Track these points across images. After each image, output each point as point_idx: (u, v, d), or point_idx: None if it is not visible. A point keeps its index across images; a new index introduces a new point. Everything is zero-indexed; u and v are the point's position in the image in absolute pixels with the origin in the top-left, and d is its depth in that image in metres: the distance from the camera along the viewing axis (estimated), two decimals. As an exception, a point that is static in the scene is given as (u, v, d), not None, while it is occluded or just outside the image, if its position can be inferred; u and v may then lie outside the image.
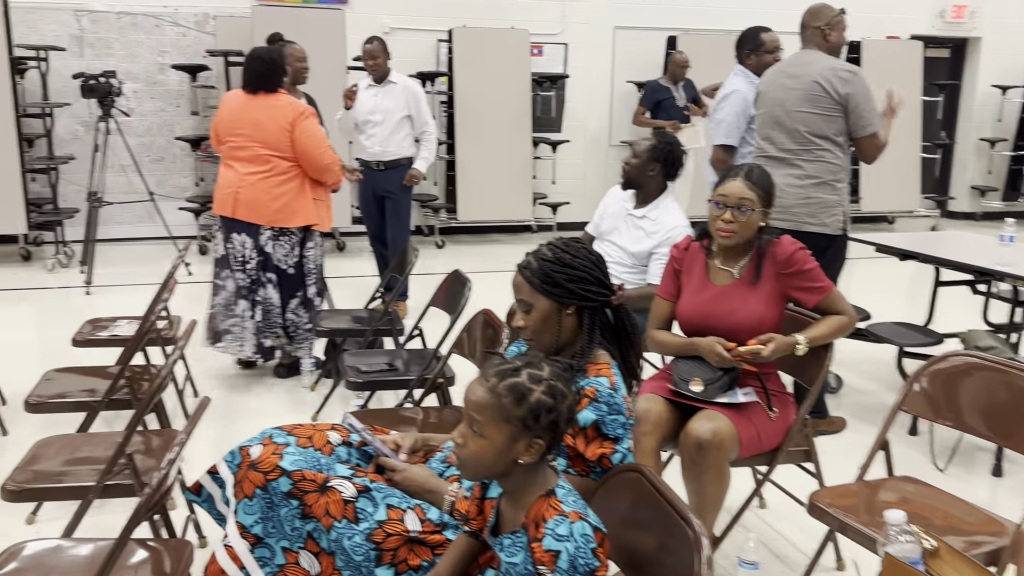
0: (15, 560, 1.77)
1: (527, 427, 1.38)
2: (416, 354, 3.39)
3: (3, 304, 5.36)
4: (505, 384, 1.39)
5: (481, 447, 1.40)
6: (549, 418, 1.38)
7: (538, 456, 1.39)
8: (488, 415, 1.39)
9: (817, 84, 3.23)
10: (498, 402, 1.38)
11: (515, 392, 1.38)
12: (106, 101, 5.87)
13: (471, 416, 1.41)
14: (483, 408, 1.39)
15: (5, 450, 3.27)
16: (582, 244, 1.82)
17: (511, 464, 1.40)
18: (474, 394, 1.41)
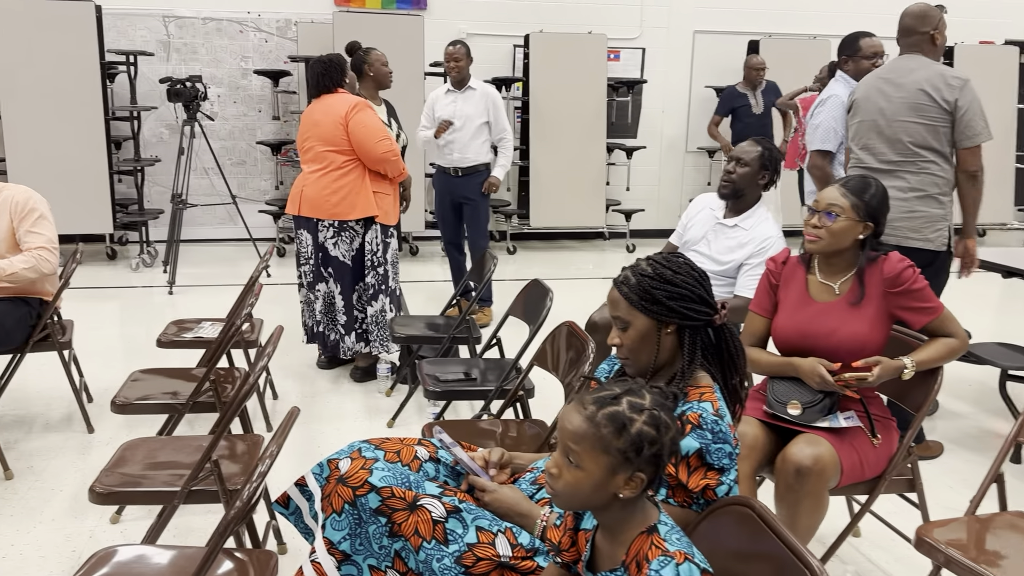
0: (104, 566, 1.78)
1: (627, 459, 1.30)
2: (494, 364, 3.34)
3: (90, 301, 5.52)
4: (605, 413, 1.31)
5: (577, 479, 1.33)
6: (651, 450, 1.30)
7: (639, 491, 1.31)
8: (586, 445, 1.31)
9: (923, 92, 3.07)
10: (597, 432, 1.31)
11: (615, 422, 1.30)
12: (191, 105, 6.00)
13: (567, 446, 1.33)
14: (580, 438, 1.32)
15: (91, 448, 3.33)
16: (685, 260, 1.73)
17: (610, 498, 1.32)
18: (571, 422, 1.34)
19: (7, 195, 3.25)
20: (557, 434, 1.37)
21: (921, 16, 3.20)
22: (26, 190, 3.28)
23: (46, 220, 3.27)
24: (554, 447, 2.27)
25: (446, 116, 5.01)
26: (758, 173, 3.18)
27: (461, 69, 4.97)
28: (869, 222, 2.31)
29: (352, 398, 3.96)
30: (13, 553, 2.58)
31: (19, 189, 3.27)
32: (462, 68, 4.97)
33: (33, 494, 2.94)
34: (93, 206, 6.35)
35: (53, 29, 6.09)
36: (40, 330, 3.36)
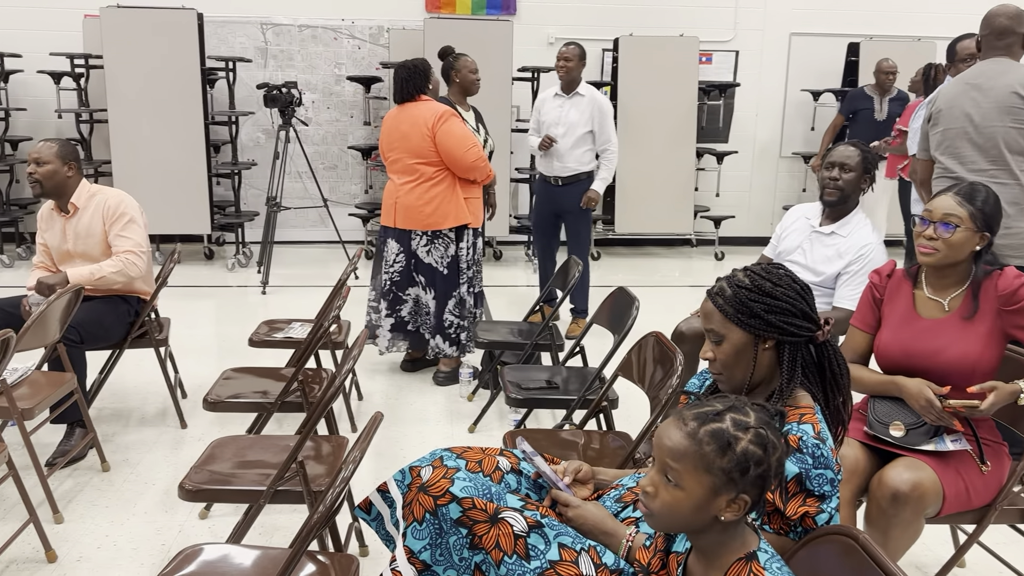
0: (191, 564, 1.81)
1: (731, 480, 1.23)
2: (577, 373, 3.28)
3: (187, 300, 5.72)
4: (707, 430, 1.25)
5: (676, 499, 1.26)
6: (757, 471, 1.23)
7: (741, 514, 1.24)
8: (687, 464, 1.25)
9: (1016, 95, 2.89)
10: (699, 450, 1.24)
11: (719, 439, 1.24)
12: (286, 111, 6.15)
13: (666, 463, 1.27)
14: (681, 456, 1.26)
15: (184, 443, 3.43)
16: (786, 271, 1.64)
17: (709, 520, 1.26)
18: (670, 439, 1.27)
19: (100, 199, 3.38)
20: (654, 451, 1.31)
21: (1018, 17, 3.01)
22: (119, 194, 3.42)
23: (135, 224, 3.40)
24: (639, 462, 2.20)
25: (551, 121, 4.87)
26: (862, 177, 3.06)
27: (570, 71, 4.75)
28: (986, 232, 2.16)
29: (434, 401, 3.97)
30: (107, 544, 2.67)
31: (112, 193, 3.41)
32: (571, 70, 4.75)
33: (128, 486, 3.05)
34: (192, 208, 6.59)
35: (157, 36, 6.35)
36: (138, 327, 3.48)
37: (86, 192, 3.39)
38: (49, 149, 3.30)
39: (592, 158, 4.90)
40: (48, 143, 3.32)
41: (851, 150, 3.06)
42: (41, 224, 3.47)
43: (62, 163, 3.31)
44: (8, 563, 2.53)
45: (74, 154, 3.36)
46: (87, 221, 3.37)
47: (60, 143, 3.34)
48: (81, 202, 3.38)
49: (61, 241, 3.41)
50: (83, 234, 3.37)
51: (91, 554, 2.60)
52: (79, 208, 3.37)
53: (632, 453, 2.29)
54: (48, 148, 3.30)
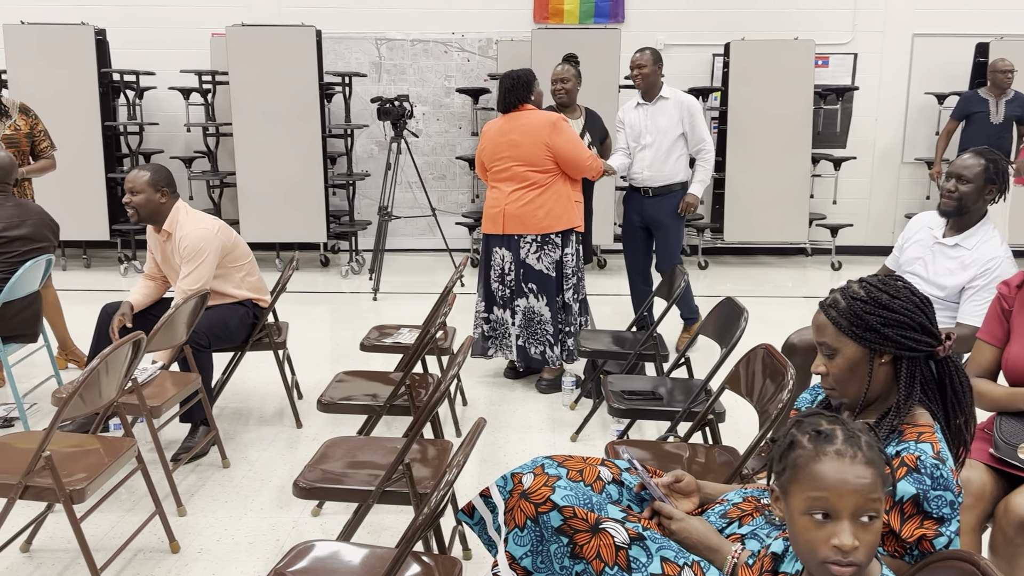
0: (303, 559, 1.88)
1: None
2: (682, 384, 3.23)
3: (304, 305, 5.96)
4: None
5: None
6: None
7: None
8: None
9: None
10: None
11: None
12: (398, 123, 6.33)
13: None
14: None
15: (299, 442, 3.57)
16: (904, 283, 1.57)
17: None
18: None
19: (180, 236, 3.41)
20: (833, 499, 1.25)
21: None
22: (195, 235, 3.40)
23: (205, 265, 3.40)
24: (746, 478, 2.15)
25: (638, 132, 4.71)
26: (983, 189, 2.88)
27: (646, 77, 4.57)
28: None
29: (537, 408, 3.99)
30: (226, 537, 2.81)
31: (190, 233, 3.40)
32: (647, 76, 4.57)
33: (246, 483, 3.20)
34: (310, 217, 6.87)
35: (278, 53, 6.67)
36: (259, 330, 3.66)
37: (175, 221, 3.46)
38: (141, 179, 3.38)
39: (686, 166, 4.69)
40: (141, 172, 3.40)
41: (971, 160, 2.90)
42: (149, 237, 3.65)
43: (154, 191, 3.39)
44: (136, 552, 2.70)
45: (166, 180, 3.42)
46: (172, 249, 3.48)
47: (152, 171, 3.41)
48: (172, 229, 3.46)
49: (163, 258, 3.57)
50: (170, 258, 3.52)
51: (211, 547, 2.74)
52: (171, 234, 3.47)
53: (739, 468, 2.24)
54: (140, 178, 3.38)
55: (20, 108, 4.18)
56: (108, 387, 2.51)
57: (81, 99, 6.79)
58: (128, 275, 6.83)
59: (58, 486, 2.24)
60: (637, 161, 4.72)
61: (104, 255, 7.52)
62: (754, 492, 1.73)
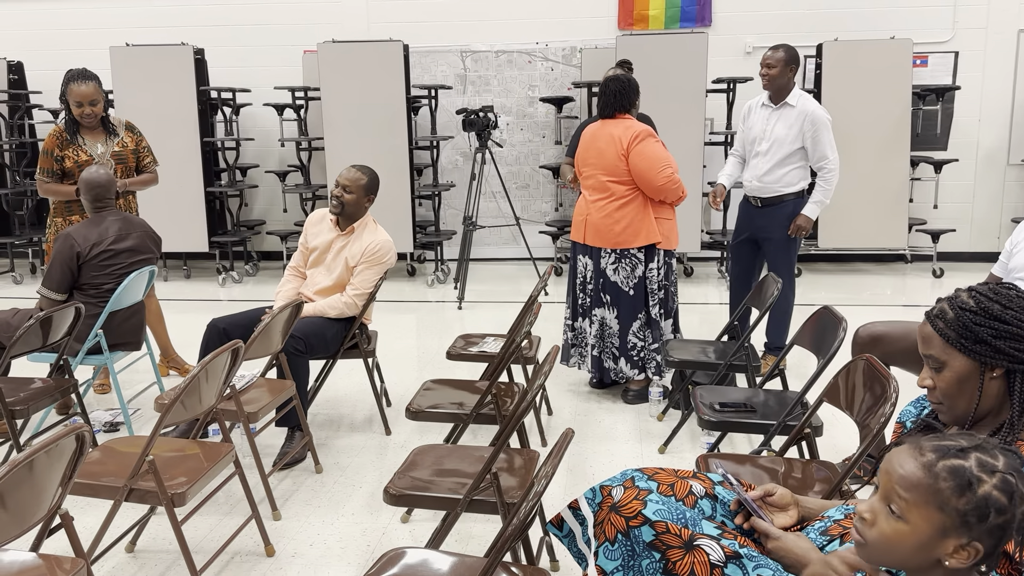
0: (394, 566, 1.90)
1: (966, 524, 1.13)
2: (776, 396, 3.13)
3: (392, 313, 6.06)
4: (947, 465, 1.15)
5: (897, 532, 1.18)
6: (997, 521, 1.11)
7: (969, 563, 1.13)
8: (917, 496, 1.16)
9: None
10: (935, 484, 1.15)
11: (960, 477, 1.14)
12: (483, 134, 6.39)
13: (894, 491, 1.19)
14: (913, 487, 1.17)
15: (388, 449, 3.62)
16: (1017, 292, 1.48)
17: (930, 563, 1.16)
18: (903, 467, 1.19)
19: (372, 238, 3.70)
20: (880, 477, 1.23)
21: None
22: (387, 241, 3.74)
23: (378, 270, 3.71)
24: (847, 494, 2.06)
25: (756, 135, 4.35)
26: None
27: (773, 79, 4.23)
28: None
29: (624, 419, 3.94)
30: (319, 542, 2.87)
31: (383, 236, 3.74)
32: (774, 77, 4.22)
33: (338, 488, 3.26)
34: (397, 227, 6.99)
35: (367, 68, 6.82)
36: (350, 339, 3.73)
37: (366, 223, 3.77)
38: (359, 181, 3.69)
39: (802, 178, 4.33)
40: (359, 174, 3.71)
41: None
42: (311, 228, 3.86)
43: (364, 194, 3.72)
44: (233, 554, 2.78)
45: (375, 188, 3.76)
46: (353, 248, 3.71)
47: (369, 177, 3.73)
48: (359, 229, 3.75)
49: (325, 249, 3.77)
50: (344, 254, 3.72)
51: (304, 551, 2.80)
52: (355, 232, 3.73)
53: (839, 485, 2.15)
54: (358, 181, 3.69)
55: (126, 126, 4.40)
56: (208, 394, 2.60)
57: (181, 116, 7.10)
58: (226, 285, 7.09)
59: (160, 489, 2.33)
60: (750, 168, 4.42)
61: (203, 266, 7.83)
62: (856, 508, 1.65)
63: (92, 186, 3.72)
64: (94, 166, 3.78)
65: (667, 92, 6.64)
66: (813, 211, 4.30)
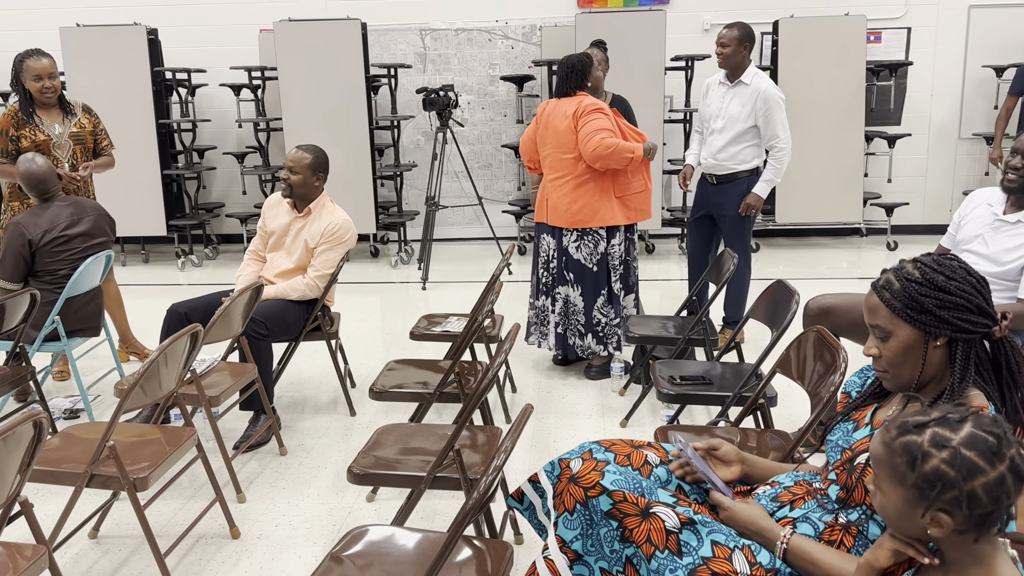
0: (358, 544, 1.93)
1: (923, 496, 1.19)
2: (732, 368, 3.20)
3: (355, 295, 6.05)
4: (902, 441, 1.21)
5: (881, 503, 1.26)
6: (947, 494, 1.16)
7: (947, 532, 1.18)
8: (883, 471, 1.24)
9: None
10: (892, 460, 1.22)
11: (910, 453, 1.20)
12: (444, 113, 6.36)
13: (873, 468, 1.28)
14: (878, 463, 1.25)
15: (353, 430, 3.64)
16: (960, 263, 1.53)
17: (921, 531, 1.22)
18: (873, 444, 1.27)
19: (330, 218, 3.68)
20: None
21: None
22: (346, 221, 3.71)
23: (339, 250, 3.69)
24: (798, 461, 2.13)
25: (712, 113, 4.41)
26: None
27: (727, 57, 4.25)
28: None
29: (586, 395, 3.99)
30: (284, 523, 2.88)
31: (341, 216, 3.71)
32: (728, 56, 4.25)
33: (303, 470, 3.27)
34: (359, 208, 6.95)
35: (325, 47, 6.74)
36: (312, 321, 3.73)
37: (323, 203, 3.74)
38: (303, 161, 3.64)
39: (756, 156, 4.37)
40: (303, 154, 3.66)
41: None
42: (268, 211, 3.84)
43: (312, 174, 3.67)
44: (198, 538, 2.78)
45: (323, 166, 3.70)
46: (311, 229, 3.69)
47: (314, 155, 3.67)
48: (316, 210, 3.72)
49: (284, 232, 3.75)
50: (303, 236, 3.70)
51: (270, 532, 2.82)
52: (311, 213, 3.71)
53: (792, 452, 2.22)
54: (302, 160, 3.64)
55: (83, 108, 4.33)
56: (168, 378, 2.59)
57: (135, 98, 6.96)
58: (186, 269, 7.01)
59: (122, 474, 2.33)
60: (707, 145, 4.47)
61: (162, 250, 7.73)
62: (806, 476, 1.71)
63: (34, 181, 3.65)
64: (29, 154, 3.70)
65: (626, 70, 6.67)
66: (763, 189, 4.35)
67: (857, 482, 1.53)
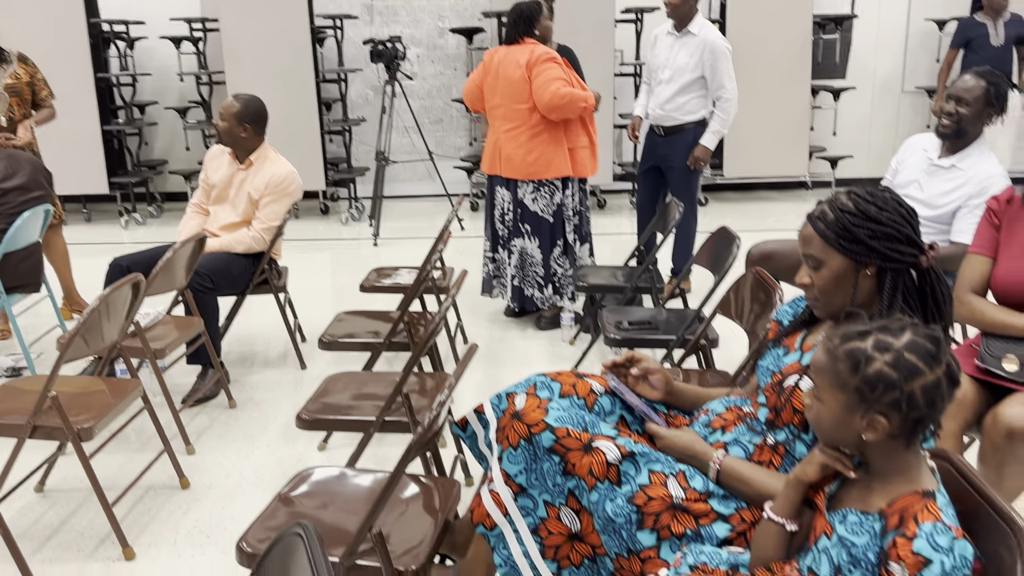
0: (305, 484, 1.94)
1: (863, 399, 1.23)
2: (676, 314, 3.27)
3: (304, 252, 5.99)
4: (845, 348, 1.26)
5: (819, 412, 1.30)
6: (888, 396, 1.21)
7: (879, 436, 1.24)
8: (824, 379, 1.28)
9: None
10: (834, 366, 1.26)
11: (852, 358, 1.24)
12: (391, 65, 6.26)
13: (813, 378, 1.32)
14: (820, 370, 1.29)
15: (304, 382, 3.64)
16: (892, 194, 1.58)
17: (854, 438, 1.27)
18: (816, 354, 1.31)
19: (273, 168, 3.62)
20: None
21: None
22: (291, 172, 3.65)
23: (286, 202, 3.64)
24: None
25: (660, 63, 4.38)
26: (983, 112, 2.88)
27: (675, 7, 4.25)
28: None
29: (537, 344, 4.04)
30: (235, 473, 2.89)
31: (285, 168, 3.65)
32: (676, 6, 4.25)
33: (253, 422, 3.27)
34: (308, 165, 6.83)
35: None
36: (259, 275, 3.69)
37: (265, 155, 3.67)
38: (231, 109, 3.58)
39: (703, 106, 4.38)
40: (231, 101, 3.60)
41: (972, 82, 2.88)
42: (210, 163, 3.77)
43: (237, 122, 3.58)
44: (147, 489, 2.77)
45: (252, 117, 3.60)
46: (255, 180, 3.63)
47: (243, 104, 3.59)
48: (258, 161, 3.65)
49: (226, 184, 3.69)
50: (246, 188, 3.64)
51: (220, 482, 2.82)
52: (253, 164, 3.65)
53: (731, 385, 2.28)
54: (230, 108, 3.58)
55: (19, 57, 4.17)
56: (110, 330, 2.56)
57: (72, 51, 6.72)
58: (129, 228, 6.86)
59: (66, 425, 2.30)
60: (654, 96, 4.46)
61: (104, 209, 7.53)
62: (736, 401, 1.77)
63: None
64: None
65: (576, 23, 6.62)
66: (710, 141, 4.38)
67: (785, 403, 1.59)
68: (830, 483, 1.36)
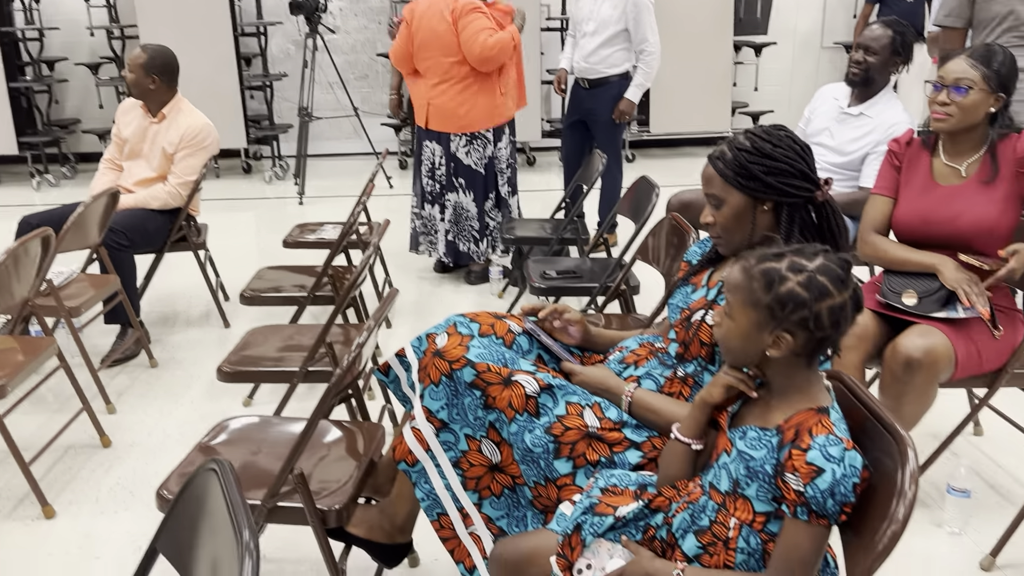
0: (225, 433, 1.94)
1: (774, 317, 1.29)
2: (600, 263, 3.33)
3: (227, 212, 5.86)
4: (760, 268, 1.31)
5: (728, 329, 1.35)
6: (798, 314, 1.27)
7: (784, 352, 1.30)
8: (738, 297, 1.33)
9: None
10: (749, 285, 1.31)
11: (767, 277, 1.30)
12: (312, 18, 6.11)
13: (726, 295, 1.37)
14: (735, 289, 1.34)
15: (228, 340, 3.58)
16: (787, 132, 1.64)
17: (760, 355, 1.32)
18: (732, 274, 1.36)
19: (187, 120, 3.52)
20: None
21: None
22: (206, 124, 3.56)
23: (202, 155, 3.55)
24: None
25: (583, 16, 4.41)
26: (889, 60, 2.99)
27: None
28: (1001, 93, 2.11)
29: (466, 298, 4.06)
30: (157, 431, 2.85)
31: (200, 120, 3.56)
32: None
33: (176, 381, 3.22)
34: (228, 122, 6.64)
35: (183, -51, 6.31)
36: (176, 231, 3.61)
37: (179, 108, 3.56)
38: (138, 60, 3.47)
39: (626, 59, 4.42)
40: (139, 51, 3.49)
41: (879, 31, 2.98)
42: (121, 117, 3.64)
43: (144, 74, 3.47)
44: (66, 448, 2.72)
45: (160, 68, 3.49)
46: (169, 134, 3.52)
47: (151, 54, 3.48)
48: (171, 114, 3.54)
49: (139, 139, 3.58)
50: (159, 142, 3.53)
51: (143, 440, 2.78)
52: (166, 117, 3.53)
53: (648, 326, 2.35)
54: (137, 59, 3.48)
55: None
56: (20, 287, 2.48)
57: (-30, 3, 6.36)
58: (41, 189, 6.58)
59: (-24, 383, 2.23)
60: (578, 49, 4.46)
61: (15, 171, 7.20)
62: (649, 338, 1.83)
63: None
64: None
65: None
66: (635, 94, 4.43)
67: (693, 337, 1.65)
68: (733, 403, 1.42)
